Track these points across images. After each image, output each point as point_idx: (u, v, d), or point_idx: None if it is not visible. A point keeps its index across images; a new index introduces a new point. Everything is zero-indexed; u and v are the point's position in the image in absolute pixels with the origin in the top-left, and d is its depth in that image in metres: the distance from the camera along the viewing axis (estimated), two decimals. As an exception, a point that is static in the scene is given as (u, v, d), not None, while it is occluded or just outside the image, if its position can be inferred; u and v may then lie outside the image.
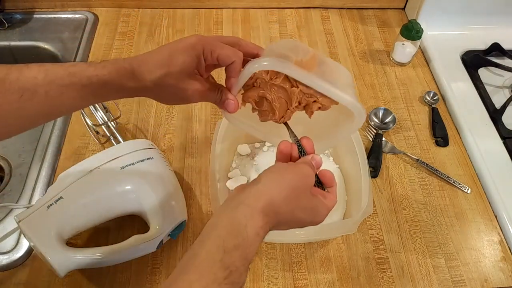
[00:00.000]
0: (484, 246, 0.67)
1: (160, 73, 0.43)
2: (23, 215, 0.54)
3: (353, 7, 1.03)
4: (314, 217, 0.44)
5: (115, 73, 0.43)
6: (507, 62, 0.91)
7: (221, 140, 0.64)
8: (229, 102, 0.48)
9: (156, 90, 0.45)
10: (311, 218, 0.44)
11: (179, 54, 0.43)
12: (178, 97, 0.46)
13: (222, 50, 0.45)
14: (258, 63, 0.44)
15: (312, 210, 0.44)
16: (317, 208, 0.44)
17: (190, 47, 0.44)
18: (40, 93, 0.41)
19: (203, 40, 0.44)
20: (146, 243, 0.57)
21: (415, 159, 0.76)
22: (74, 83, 0.42)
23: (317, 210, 0.44)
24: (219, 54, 0.45)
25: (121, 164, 0.59)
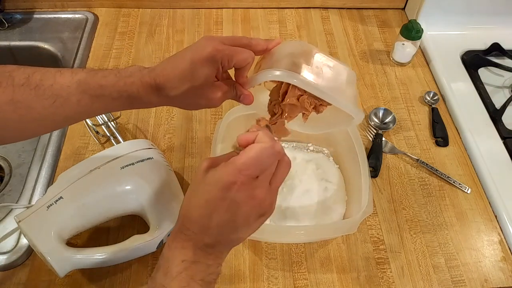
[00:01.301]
0: (484, 246, 0.67)
1: (184, 88, 0.45)
2: (23, 215, 0.54)
3: (353, 7, 1.03)
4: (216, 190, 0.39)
5: (142, 89, 0.45)
6: (507, 62, 0.91)
7: (221, 140, 0.64)
8: (245, 96, 0.49)
9: (180, 102, 0.48)
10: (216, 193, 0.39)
11: (200, 67, 0.44)
12: (202, 106, 0.49)
13: (238, 56, 0.46)
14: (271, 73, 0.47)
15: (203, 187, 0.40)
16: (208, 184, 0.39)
17: (211, 59, 0.44)
18: (72, 101, 0.44)
19: (221, 50, 0.45)
20: (146, 243, 0.57)
21: (415, 159, 0.76)
22: (105, 95, 0.45)
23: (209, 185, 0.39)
24: (237, 60, 0.46)
25: (121, 164, 0.59)
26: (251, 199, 0.39)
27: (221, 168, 0.39)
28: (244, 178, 0.38)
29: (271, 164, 0.40)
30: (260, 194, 0.39)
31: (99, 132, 0.75)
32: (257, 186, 0.39)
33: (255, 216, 0.40)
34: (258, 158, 0.38)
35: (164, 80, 0.45)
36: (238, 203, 0.38)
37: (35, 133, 0.48)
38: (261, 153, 0.38)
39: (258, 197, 0.39)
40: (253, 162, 0.38)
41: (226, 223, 0.39)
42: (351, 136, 0.67)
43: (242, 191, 0.38)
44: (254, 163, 0.38)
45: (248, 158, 0.38)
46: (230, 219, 0.39)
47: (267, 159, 0.39)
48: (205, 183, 0.39)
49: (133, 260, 0.60)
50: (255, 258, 0.63)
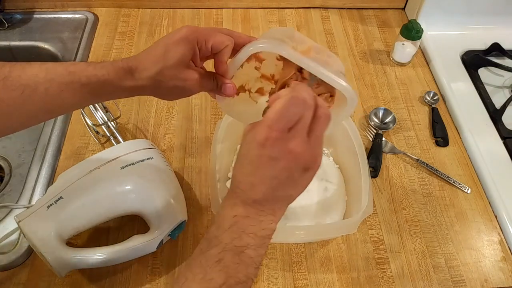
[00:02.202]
0: (484, 246, 0.67)
1: (156, 68, 0.44)
2: (23, 215, 0.54)
3: (353, 7, 1.03)
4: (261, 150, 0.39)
5: (113, 73, 0.44)
6: (507, 62, 0.91)
7: (221, 140, 0.64)
8: (226, 86, 0.48)
9: (154, 86, 0.46)
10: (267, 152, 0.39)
11: (173, 47, 0.44)
12: (178, 90, 0.47)
13: (216, 37, 0.45)
14: (254, 45, 0.45)
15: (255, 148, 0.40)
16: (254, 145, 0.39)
17: (184, 39, 0.44)
18: (40, 90, 0.43)
19: (196, 31, 0.45)
20: (146, 243, 0.57)
21: (415, 159, 0.76)
22: (73, 81, 0.44)
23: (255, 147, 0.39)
24: (213, 42, 0.45)
25: (121, 164, 0.59)
26: (288, 153, 0.38)
27: (254, 127, 0.40)
28: (275, 133, 0.38)
29: (299, 113, 0.39)
30: (296, 147, 0.39)
31: (99, 132, 0.75)
32: (291, 138, 0.38)
33: (297, 170, 0.40)
34: (283, 110, 0.38)
35: (136, 63, 0.45)
36: (275, 158, 0.38)
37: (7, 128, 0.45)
38: (285, 104, 0.38)
39: (295, 150, 0.38)
40: (280, 115, 0.38)
41: (269, 179, 0.39)
42: (351, 136, 0.67)
43: (276, 146, 0.38)
44: (280, 116, 0.38)
45: (275, 112, 0.38)
46: (272, 175, 0.39)
47: (293, 108, 0.39)
48: (245, 143, 0.40)
49: (133, 260, 0.60)
50: (255, 258, 0.63)
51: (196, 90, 0.47)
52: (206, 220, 0.67)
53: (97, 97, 0.47)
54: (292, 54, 0.44)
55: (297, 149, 0.39)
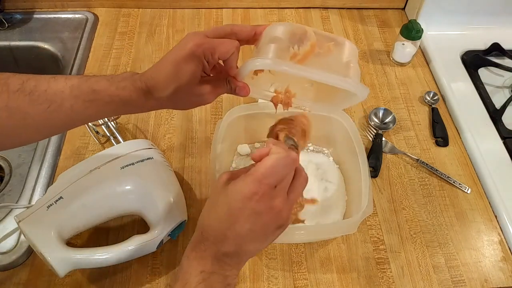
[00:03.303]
0: (484, 246, 0.67)
1: (172, 88, 0.45)
2: (23, 215, 0.54)
3: (353, 7, 1.03)
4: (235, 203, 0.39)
5: (135, 94, 0.46)
6: (507, 62, 0.91)
7: (221, 140, 0.64)
8: (240, 88, 0.49)
9: (173, 103, 0.48)
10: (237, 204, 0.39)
11: (183, 65, 0.44)
12: (195, 103, 0.49)
13: (220, 47, 0.45)
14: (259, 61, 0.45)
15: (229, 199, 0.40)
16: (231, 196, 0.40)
17: (192, 55, 0.44)
18: (66, 106, 0.44)
19: (201, 44, 0.45)
20: (146, 243, 0.57)
21: (415, 159, 0.76)
22: (98, 99, 0.45)
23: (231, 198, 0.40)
24: (219, 53, 0.45)
25: (121, 164, 0.59)
26: (270, 209, 0.39)
27: (241, 180, 0.40)
28: (264, 188, 0.39)
29: (288, 173, 0.41)
30: (279, 204, 0.40)
31: (99, 132, 0.75)
32: (276, 196, 0.40)
33: (273, 226, 0.41)
34: (275, 167, 0.40)
35: (153, 83, 0.45)
36: (258, 213, 0.39)
37: (30, 139, 0.48)
38: (277, 162, 0.40)
39: (277, 207, 0.40)
40: (271, 171, 0.39)
41: (245, 233, 0.39)
42: (351, 136, 0.67)
43: (263, 201, 0.39)
44: (272, 172, 0.40)
45: (267, 168, 0.39)
46: (250, 229, 0.39)
47: (284, 167, 0.40)
48: (226, 194, 0.40)
49: (133, 260, 0.60)
50: (255, 258, 0.63)
51: (212, 100, 0.49)
52: (206, 220, 0.67)
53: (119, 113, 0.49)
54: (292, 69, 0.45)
55: (279, 206, 0.40)
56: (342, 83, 0.46)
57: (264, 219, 0.39)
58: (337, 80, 0.46)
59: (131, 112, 0.49)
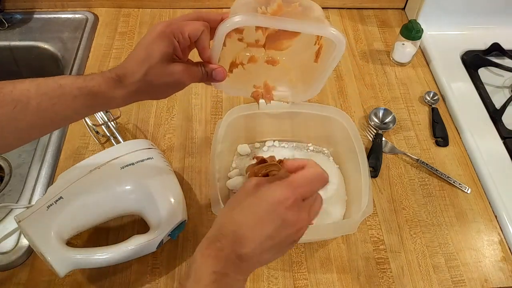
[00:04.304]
0: (484, 246, 0.67)
1: (142, 70, 0.45)
2: (23, 215, 0.54)
3: (353, 7, 1.03)
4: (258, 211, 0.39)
5: (104, 83, 0.45)
6: (507, 62, 0.91)
7: (221, 140, 0.64)
8: (216, 71, 0.48)
9: (145, 88, 0.46)
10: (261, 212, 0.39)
11: (153, 46, 0.45)
12: (169, 86, 0.47)
13: (189, 25, 0.46)
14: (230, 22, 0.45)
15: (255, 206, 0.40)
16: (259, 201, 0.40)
17: (161, 35, 0.45)
18: (32, 104, 0.42)
19: (170, 25, 0.46)
20: (146, 243, 0.57)
21: (415, 159, 0.76)
22: (65, 94, 0.44)
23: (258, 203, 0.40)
24: (189, 31, 0.46)
25: (121, 164, 0.59)
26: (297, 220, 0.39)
27: (276, 184, 0.40)
28: (296, 197, 0.39)
29: (318, 189, 0.42)
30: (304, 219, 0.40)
31: (99, 132, 0.75)
32: (303, 208, 0.40)
33: (290, 240, 0.40)
34: (312, 180, 0.40)
35: (124, 71, 0.45)
36: (284, 220, 0.39)
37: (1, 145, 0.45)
38: (315, 176, 0.41)
39: (302, 221, 0.40)
40: (308, 183, 0.40)
41: (265, 238, 0.39)
42: (351, 136, 0.67)
43: (291, 209, 0.39)
44: (308, 184, 0.40)
45: (305, 178, 0.40)
46: (270, 235, 0.39)
47: (318, 183, 0.41)
48: (256, 196, 0.40)
49: (133, 260, 0.60)
50: (255, 258, 0.63)
51: (186, 81, 0.47)
52: (206, 220, 0.67)
53: (90, 109, 0.46)
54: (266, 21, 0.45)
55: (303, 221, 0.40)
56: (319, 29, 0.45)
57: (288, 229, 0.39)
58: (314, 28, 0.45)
59: (102, 107, 0.47)
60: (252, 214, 0.39)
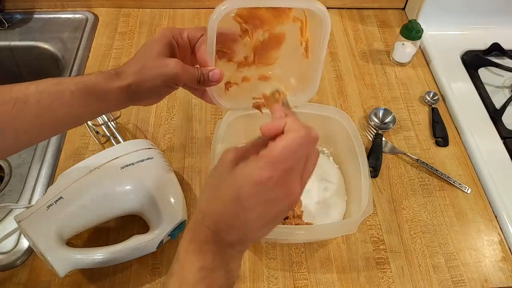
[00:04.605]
0: (484, 246, 0.67)
1: (138, 65, 0.46)
2: (23, 215, 0.54)
3: (353, 7, 1.03)
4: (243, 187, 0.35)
5: (101, 77, 0.45)
6: (507, 62, 0.91)
7: (221, 140, 0.64)
8: (212, 73, 0.47)
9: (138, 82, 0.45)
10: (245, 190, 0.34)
11: (152, 44, 0.47)
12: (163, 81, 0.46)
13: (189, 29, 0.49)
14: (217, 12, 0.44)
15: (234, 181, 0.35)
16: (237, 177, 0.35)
17: (161, 36, 0.47)
18: (31, 102, 0.42)
19: (172, 29, 0.49)
20: (146, 243, 0.57)
21: (415, 159, 0.76)
22: (62, 90, 0.43)
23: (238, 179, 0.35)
24: (188, 32, 0.48)
25: (121, 164, 0.59)
26: (287, 194, 0.35)
27: (252, 162, 0.34)
28: (279, 173, 0.34)
29: (307, 153, 0.36)
30: (295, 189, 0.36)
31: (99, 132, 0.75)
32: (292, 179, 0.35)
33: (285, 211, 0.37)
34: (293, 149, 0.34)
35: (122, 68, 0.46)
36: (271, 200, 0.35)
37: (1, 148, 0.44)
38: (297, 143, 0.34)
39: (294, 192, 0.36)
40: (288, 154, 0.34)
41: (254, 220, 0.35)
42: (351, 136, 0.67)
43: (279, 186, 0.34)
44: (289, 155, 0.34)
45: (284, 149, 0.34)
46: (260, 216, 0.35)
47: (303, 149, 0.35)
48: (234, 178, 0.35)
49: (133, 260, 0.60)
50: (255, 258, 0.63)
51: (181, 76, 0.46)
52: (206, 220, 0.67)
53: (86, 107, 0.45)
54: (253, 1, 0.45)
55: (295, 191, 0.36)
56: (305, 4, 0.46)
57: (277, 205, 0.35)
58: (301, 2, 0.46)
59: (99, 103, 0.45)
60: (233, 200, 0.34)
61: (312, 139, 0.36)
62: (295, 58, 0.51)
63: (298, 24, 0.49)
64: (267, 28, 0.49)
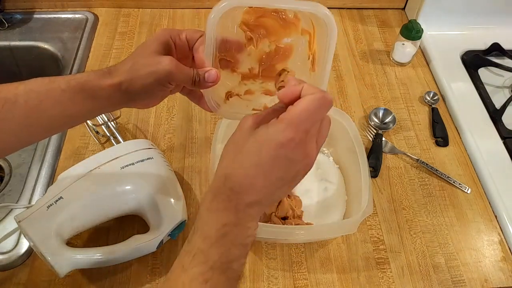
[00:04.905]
0: (484, 246, 0.67)
1: (132, 62, 0.44)
2: (23, 215, 0.54)
3: (353, 7, 1.03)
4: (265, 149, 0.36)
5: (93, 75, 0.44)
6: (507, 62, 0.91)
7: (221, 140, 0.64)
8: (208, 73, 0.45)
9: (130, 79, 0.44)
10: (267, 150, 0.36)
11: (148, 43, 0.46)
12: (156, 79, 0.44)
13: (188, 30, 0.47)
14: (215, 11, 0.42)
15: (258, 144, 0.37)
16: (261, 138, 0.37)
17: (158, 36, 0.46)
18: (20, 102, 0.41)
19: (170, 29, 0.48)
20: (146, 243, 0.57)
21: (415, 159, 0.76)
22: (53, 89, 0.42)
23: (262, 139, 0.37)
24: (187, 33, 0.46)
25: (121, 164, 0.59)
26: (305, 156, 0.37)
27: (274, 125, 0.36)
28: (300, 135, 0.36)
29: (324, 116, 0.38)
30: (312, 151, 0.37)
31: (99, 132, 0.75)
32: (309, 141, 0.37)
33: (302, 173, 0.39)
34: (313, 111, 0.36)
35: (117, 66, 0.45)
36: (292, 161, 0.37)
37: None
38: (315, 104, 0.36)
39: (311, 154, 0.37)
40: (310, 115, 0.36)
41: (275, 181, 0.37)
42: (351, 136, 0.67)
43: (298, 148, 0.36)
44: (311, 116, 0.36)
45: (303, 111, 0.36)
46: (280, 177, 0.37)
47: (320, 111, 0.37)
48: (256, 140, 0.37)
49: (133, 260, 0.60)
50: (255, 258, 0.63)
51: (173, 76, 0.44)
52: (206, 220, 0.67)
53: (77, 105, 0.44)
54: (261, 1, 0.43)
55: (312, 153, 0.38)
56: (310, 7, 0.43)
57: (297, 166, 0.37)
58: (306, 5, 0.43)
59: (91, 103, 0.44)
60: (256, 162, 0.36)
61: (328, 101, 0.37)
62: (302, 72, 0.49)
63: (307, 37, 0.48)
64: (273, 39, 0.47)
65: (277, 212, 0.63)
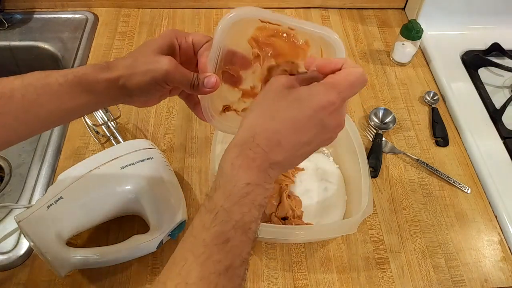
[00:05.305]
0: (484, 246, 0.67)
1: (133, 58, 0.44)
2: (23, 215, 0.54)
3: (353, 7, 1.03)
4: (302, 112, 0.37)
5: (91, 69, 0.43)
6: (507, 62, 0.91)
7: (221, 140, 0.64)
8: (208, 79, 0.44)
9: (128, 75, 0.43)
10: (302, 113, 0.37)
11: (151, 42, 0.45)
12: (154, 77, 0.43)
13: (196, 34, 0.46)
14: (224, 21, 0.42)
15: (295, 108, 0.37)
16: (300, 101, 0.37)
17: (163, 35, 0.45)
18: (17, 97, 0.41)
19: (177, 30, 0.47)
20: (146, 243, 0.57)
21: (415, 159, 0.76)
22: (50, 83, 0.42)
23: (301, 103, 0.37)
24: (194, 37, 0.46)
25: (121, 164, 0.59)
26: (337, 125, 0.38)
27: (317, 86, 0.37)
28: (340, 102, 0.37)
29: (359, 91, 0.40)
30: (342, 122, 0.39)
31: (99, 132, 0.75)
32: (342, 111, 0.38)
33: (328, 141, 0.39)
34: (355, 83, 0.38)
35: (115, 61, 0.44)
36: (325, 126, 0.37)
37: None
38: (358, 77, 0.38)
39: (341, 124, 0.39)
40: (351, 86, 0.38)
41: (302, 144, 0.37)
42: (351, 136, 0.67)
43: (334, 114, 0.37)
44: (351, 87, 0.38)
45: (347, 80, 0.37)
46: (308, 141, 0.37)
47: (360, 85, 0.39)
48: (295, 98, 0.37)
49: (133, 260, 0.60)
50: (255, 258, 0.63)
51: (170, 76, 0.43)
52: (206, 220, 0.67)
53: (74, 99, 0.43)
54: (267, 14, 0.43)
55: (342, 125, 0.39)
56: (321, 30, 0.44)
57: (327, 134, 0.38)
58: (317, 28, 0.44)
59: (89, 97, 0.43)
60: (291, 120, 0.36)
61: (365, 79, 0.39)
62: None
63: None
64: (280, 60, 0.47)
65: (277, 212, 0.63)
